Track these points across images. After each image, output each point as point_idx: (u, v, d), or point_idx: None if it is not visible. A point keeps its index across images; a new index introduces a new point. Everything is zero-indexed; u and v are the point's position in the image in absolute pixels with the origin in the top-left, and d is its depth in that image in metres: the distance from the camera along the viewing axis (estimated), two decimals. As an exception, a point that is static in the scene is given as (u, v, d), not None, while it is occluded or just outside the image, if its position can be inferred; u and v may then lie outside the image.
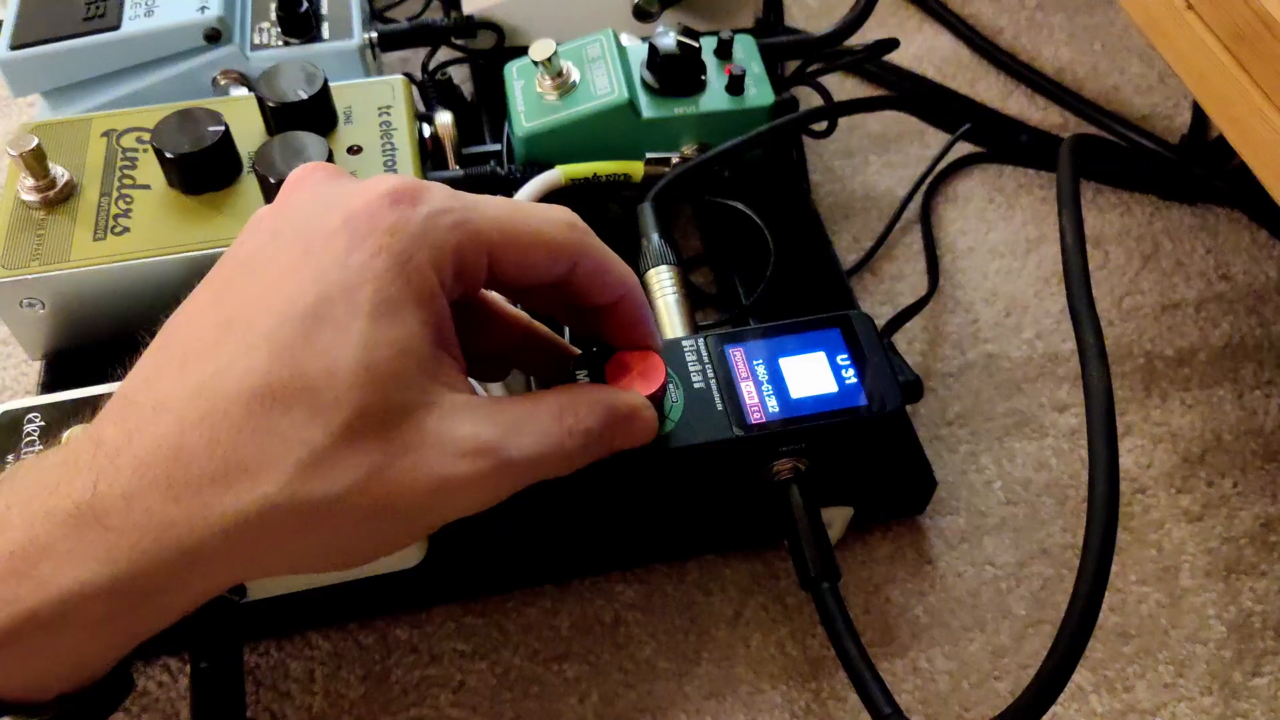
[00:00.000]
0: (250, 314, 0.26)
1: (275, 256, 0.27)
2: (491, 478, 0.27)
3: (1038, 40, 0.71)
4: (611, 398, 0.31)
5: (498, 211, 0.29)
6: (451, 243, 0.27)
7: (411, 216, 0.27)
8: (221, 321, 0.26)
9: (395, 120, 0.47)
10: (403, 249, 0.26)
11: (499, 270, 0.29)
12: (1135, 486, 0.49)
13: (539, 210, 0.30)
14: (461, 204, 0.28)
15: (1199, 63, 0.40)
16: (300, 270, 0.26)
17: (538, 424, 0.28)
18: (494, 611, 0.44)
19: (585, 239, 0.30)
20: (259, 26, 0.53)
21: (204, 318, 0.27)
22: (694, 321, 0.44)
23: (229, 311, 0.27)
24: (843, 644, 0.37)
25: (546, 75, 0.50)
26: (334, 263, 0.26)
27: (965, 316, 0.56)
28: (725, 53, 0.52)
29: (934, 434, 0.51)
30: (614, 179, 0.50)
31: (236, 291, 0.27)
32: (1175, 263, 0.59)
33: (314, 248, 0.27)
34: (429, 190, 0.28)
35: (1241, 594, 0.46)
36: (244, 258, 0.28)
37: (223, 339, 0.26)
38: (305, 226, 0.27)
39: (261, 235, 0.28)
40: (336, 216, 0.27)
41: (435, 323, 0.27)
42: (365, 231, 0.26)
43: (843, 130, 0.63)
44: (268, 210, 0.29)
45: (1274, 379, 0.53)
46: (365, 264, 0.26)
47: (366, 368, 0.25)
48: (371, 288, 0.26)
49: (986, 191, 0.62)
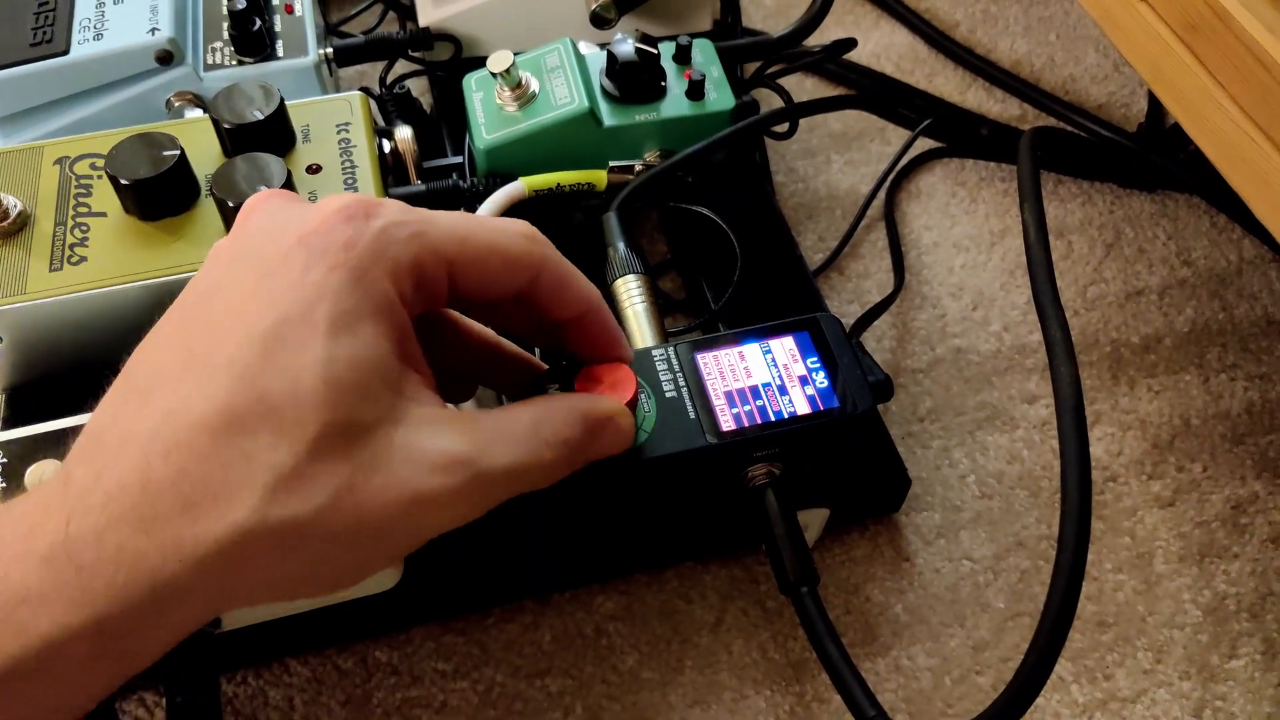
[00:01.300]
0: (211, 342, 0.26)
1: (234, 284, 0.27)
2: (467, 492, 0.27)
3: (993, 33, 0.72)
4: (587, 405, 0.31)
5: (454, 224, 0.29)
6: (409, 255, 0.27)
7: (366, 230, 0.27)
8: (183, 352, 0.26)
9: (354, 137, 0.47)
10: (358, 263, 0.26)
11: (459, 284, 0.29)
12: (1107, 475, 0.50)
13: (496, 223, 0.30)
14: (417, 217, 0.28)
15: (1152, 53, 0.41)
16: (258, 294, 0.26)
17: (513, 435, 0.28)
18: (474, 629, 0.44)
19: (545, 251, 0.30)
20: (212, 46, 0.52)
21: (166, 350, 0.27)
22: (664, 329, 0.44)
23: (190, 342, 0.26)
24: (824, 648, 0.37)
25: (505, 86, 0.50)
26: (290, 283, 0.26)
27: (932, 312, 0.56)
28: (684, 58, 0.52)
29: (906, 431, 0.51)
30: (578, 189, 0.50)
31: (197, 321, 0.27)
32: (1137, 250, 0.59)
33: (270, 270, 0.26)
34: (383, 205, 0.28)
35: (1215, 577, 0.46)
36: (204, 289, 0.28)
37: (185, 369, 0.26)
38: (261, 251, 0.27)
39: (220, 265, 0.28)
40: (291, 237, 0.27)
41: (397, 336, 0.27)
42: (320, 249, 0.26)
43: (804, 130, 0.63)
44: (226, 240, 0.29)
45: (1238, 362, 0.54)
46: (321, 280, 0.26)
47: (327, 384, 0.25)
48: (328, 303, 0.26)
49: (949, 186, 0.62)
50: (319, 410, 0.25)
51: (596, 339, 0.32)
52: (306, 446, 0.24)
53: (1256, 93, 0.35)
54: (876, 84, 0.67)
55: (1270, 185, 0.36)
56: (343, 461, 0.25)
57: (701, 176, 0.53)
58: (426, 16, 0.59)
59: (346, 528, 0.25)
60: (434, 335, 0.32)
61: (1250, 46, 0.35)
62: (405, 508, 0.25)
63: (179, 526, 0.24)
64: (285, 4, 0.55)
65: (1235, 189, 0.38)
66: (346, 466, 0.25)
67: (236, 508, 0.24)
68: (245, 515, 0.24)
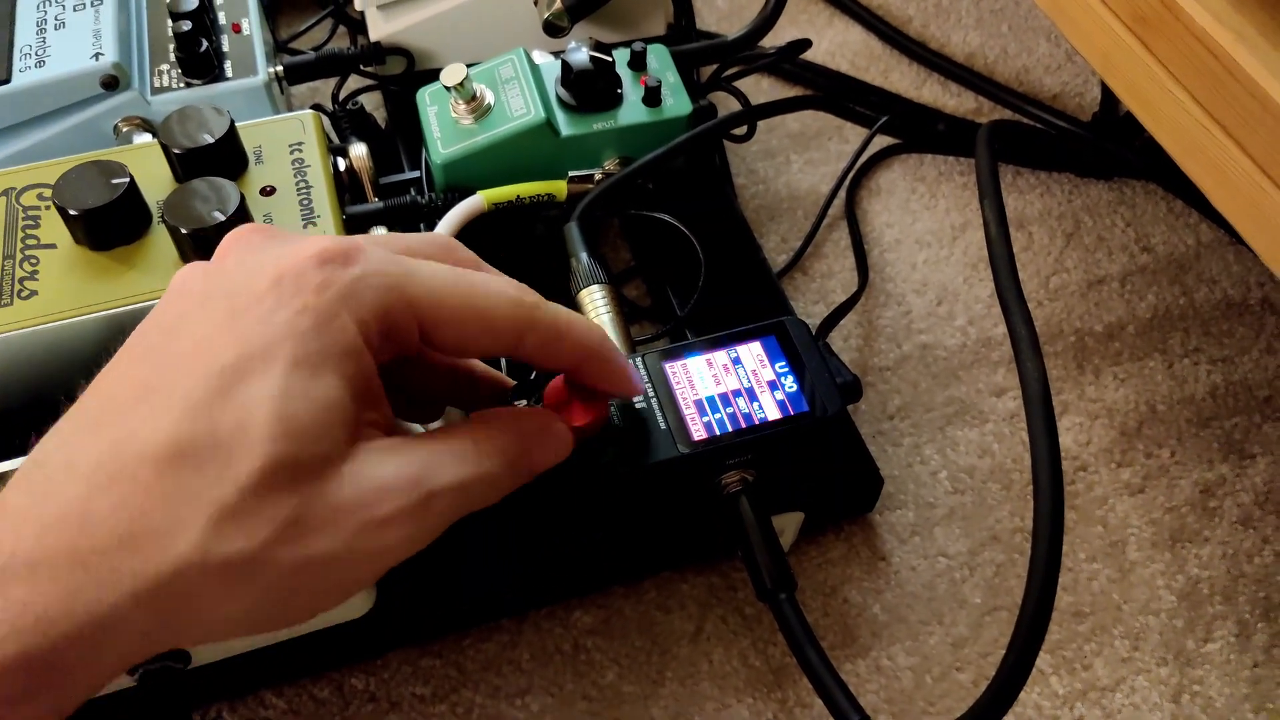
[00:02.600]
0: (170, 377, 0.25)
1: (203, 320, 0.27)
2: (417, 513, 0.26)
3: (946, 27, 0.72)
4: (519, 416, 0.30)
5: (437, 282, 0.28)
6: (380, 304, 0.27)
7: (340, 276, 0.26)
8: (140, 385, 0.26)
9: (308, 156, 0.46)
10: (327, 307, 0.26)
11: (434, 341, 0.28)
12: (1077, 465, 0.50)
13: (483, 285, 0.29)
14: (398, 269, 0.27)
15: (1103, 45, 0.41)
16: (225, 332, 0.26)
17: (456, 452, 0.28)
18: (451, 651, 0.43)
19: (533, 314, 0.29)
20: (158, 69, 0.51)
21: (122, 382, 0.26)
22: (631, 339, 0.44)
23: (148, 375, 0.26)
24: (804, 654, 0.36)
25: (460, 100, 0.49)
26: (258, 321, 0.26)
27: (898, 309, 0.56)
28: (639, 64, 0.52)
29: (876, 429, 0.51)
30: (538, 200, 0.50)
31: (159, 354, 0.27)
32: (1097, 239, 0.60)
33: (239, 309, 0.26)
34: (364, 252, 0.27)
35: (1188, 562, 0.47)
36: (169, 323, 0.27)
37: (139, 402, 0.25)
38: (234, 290, 0.27)
39: (190, 300, 0.27)
40: (266, 278, 0.26)
41: (359, 381, 0.27)
42: (292, 291, 0.26)
43: (762, 131, 0.63)
44: (199, 272, 0.28)
45: (1201, 346, 0.55)
46: (288, 321, 0.26)
47: (281, 420, 0.25)
48: (292, 343, 0.25)
49: (908, 182, 0.62)
50: (269, 445, 0.24)
51: (599, 382, 0.32)
52: (252, 480, 0.24)
53: (1208, 83, 0.35)
54: (833, 82, 0.68)
55: (1225, 173, 0.37)
56: (290, 496, 0.24)
57: (662, 183, 0.53)
58: (377, 31, 0.58)
59: (295, 562, 0.25)
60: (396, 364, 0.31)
61: (1200, 37, 0.35)
62: (356, 536, 0.25)
63: (116, 559, 0.23)
64: (232, 23, 0.54)
65: (1191, 177, 0.38)
66: (294, 501, 0.24)
67: (177, 542, 0.23)
68: (187, 550, 0.23)
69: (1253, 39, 0.35)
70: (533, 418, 0.31)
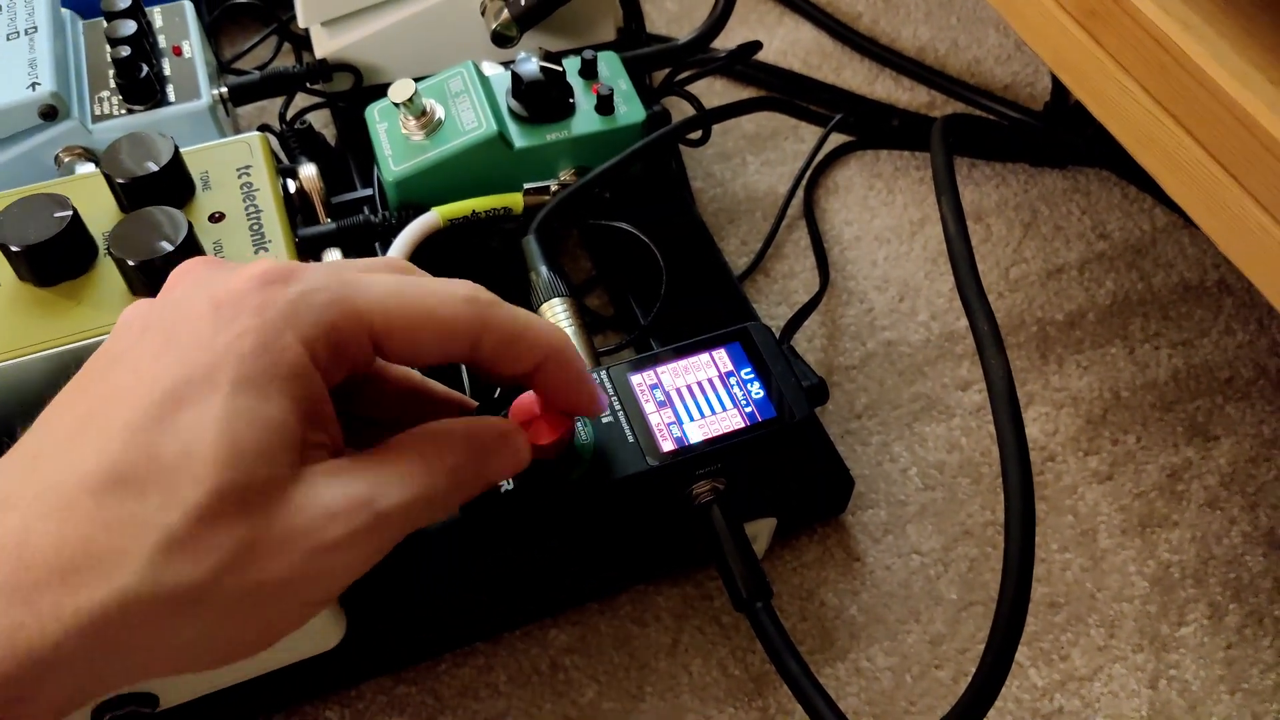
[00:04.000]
0: (109, 406, 0.25)
1: (141, 349, 0.26)
2: (367, 533, 0.26)
3: (896, 21, 0.72)
4: (473, 427, 0.29)
5: (382, 291, 0.27)
6: (325, 321, 0.26)
7: (281, 295, 0.26)
8: (80, 416, 0.25)
9: (256, 180, 0.45)
10: (269, 327, 0.25)
11: (387, 351, 0.28)
12: (1045, 455, 0.50)
13: (431, 288, 0.28)
14: (340, 282, 0.27)
15: (1053, 38, 0.41)
16: (163, 358, 0.25)
17: (404, 469, 0.27)
18: (426, 678, 0.42)
19: (488, 313, 0.28)
20: (99, 96, 0.50)
21: (63, 415, 0.26)
22: (594, 351, 0.43)
23: (88, 406, 0.25)
24: (783, 662, 0.36)
25: (410, 116, 0.48)
26: (196, 346, 0.25)
27: (860, 307, 0.56)
28: (590, 72, 0.52)
29: (845, 429, 0.51)
30: (494, 214, 0.49)
31: (97, 386, 0.26)
32: (1054, 228, 0.60)
33: (177, 334, 0.26)
34: (304, 270, 0.27)
35: (1158, 547, 0.47)
36: (111, 356, 0.27)
37: (79, 432, 0.25)
38: (174, 316, 0.26)
39: (132, 332, 0.27)
40: (204, 303, 0.26)
41: (306, 401, 0.26)
42: (231, 314, 0.26)
43: (718, 134, 0.63)
44: (143, 307, 0.28)
45: (1161, 330, 0.55)
46: (229, 344, 0.25)
47: (227, 444, 0.24)
48: (233, 366, 0.25)
49: (865, 179, 0.62)
50: (215, 470, 0.24)
51: (557, 389, 0.31)
52: (198, 507, 0.23)
53: (1158, 74, 0.36)
54: (786, 82, 0.67)
55: (1177, 161, 0.37)
56: (238, 522, 0.24)
57: (619, 190, 0.52)
58: (322, 47, 0.57)
59: (246, 590, 0.24)
60: (354, 385, 0.30)
61: (1149, 29, 0.35)
62: (307, 561, 0.25)
63: (58, 593, 0.22)
64: (173, 46, 0.53)
65: (1144, 167, 0.39)
66: (242, 526, 0.24)
67: (121, 573, 0.23)
68: (131, 581, 0.23)
69: (1199, 28, 0.35)
70: (486, 429, 0.30)
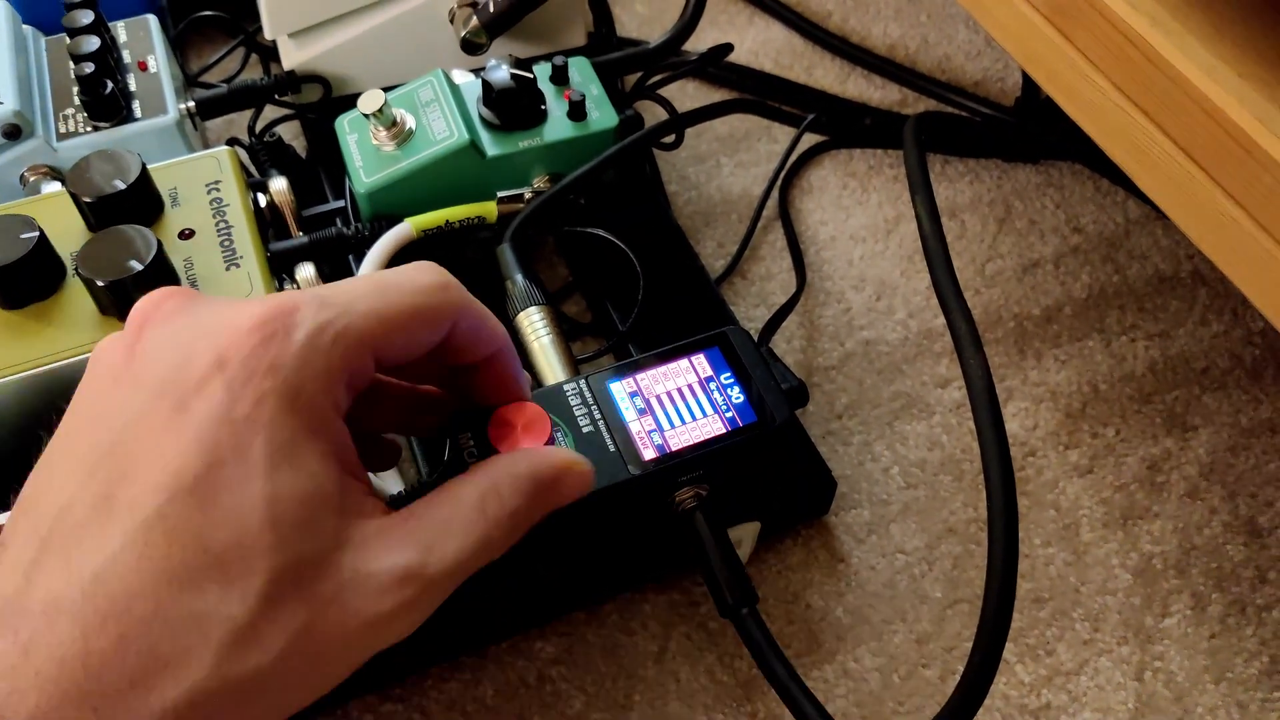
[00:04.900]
0: (133, 490, 0.24)
1: (145, 416, 0.24)
2: (419, 601, 0.26)
3: (866, 20, 0.72)
4: (535, 465, 0.29)
5: (370, 301, 0.27)
6: (338, 362, 0.25)
7: (288, 348, 0.25)
8: (100, 499, 0.24)
9: (226, 195, 0.45)
10: (288, 387, 0.24)
11: (385, 359, 0.27)
12: (1025, 450, 0.50)
13: (407, 281, 0.28)
14: (336, 313, 0.26)
15: (1023, 36, 0.41)
16: (178, 432, 0.24)
17: (459, 523, 0.27)
18: (412, 693, 0.42)
19: (457, 295, 0.29)
20: (63, 114, 0.49)
21: (78, 494, 0.24)
22: (572, 359, 0.43)
23: (105, 486, 0.24)
24: (770, 668, 0.36)
25: (380, 126, 0.48)
26: (215, 420, 0.24)
27: (838, 306, 0.56)
28: (561, 78, 0.51)
29: (826, 430, 0.51)
30: (468, 223, 0.49)
31: (109, 462, 0.24)
32: (1028, 222, 0.60)
33: (188, 402, 0.24)
34: (299, 309, 0.25)
35: (1140, 539, 0.47)
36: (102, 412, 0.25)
37: (107, 521, 0.23)
38: (171, 376, 0.25)
39: (121, 387, 0.25)
40: (205, 361, 0.25)
41: (337, 452, 0.26)
42: (243, 378, 0.24)
43: (691, 136, 0.63)
44: (119, 348, 0.26)
45: (1137, 322, 0.55)
46: (250, 415, 0.24)
47: (274, 526, 0.23)
48: (263, 438, 0.24)
49: (839, 178, 0.62)
50: (267, 555, 0.23)
51: (503, 381, 0.31)
52: (259, 596, 0.23)
53: (1127, 69, 0.36)
54: (758, 83, 0.67)
55: (1148, 156, 0.37)
56: (297, 604, 0.24)
57: (593, 196, 0.52)
58: (290, 59, 0.57)
59: (307, 667, 0.24)
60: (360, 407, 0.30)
61: (1117, 25, 0.35)
62: (362, 634, 0.24)
63: (131, 700, 0.22)
64: (138, 61, 0.52)
65: (1116, 161, 0.39)
66: (302, 609, 0.24)
67: (192, 670, 0.22)
68: (202, 677, 0.22)
69: (1167, 23, 0.35)
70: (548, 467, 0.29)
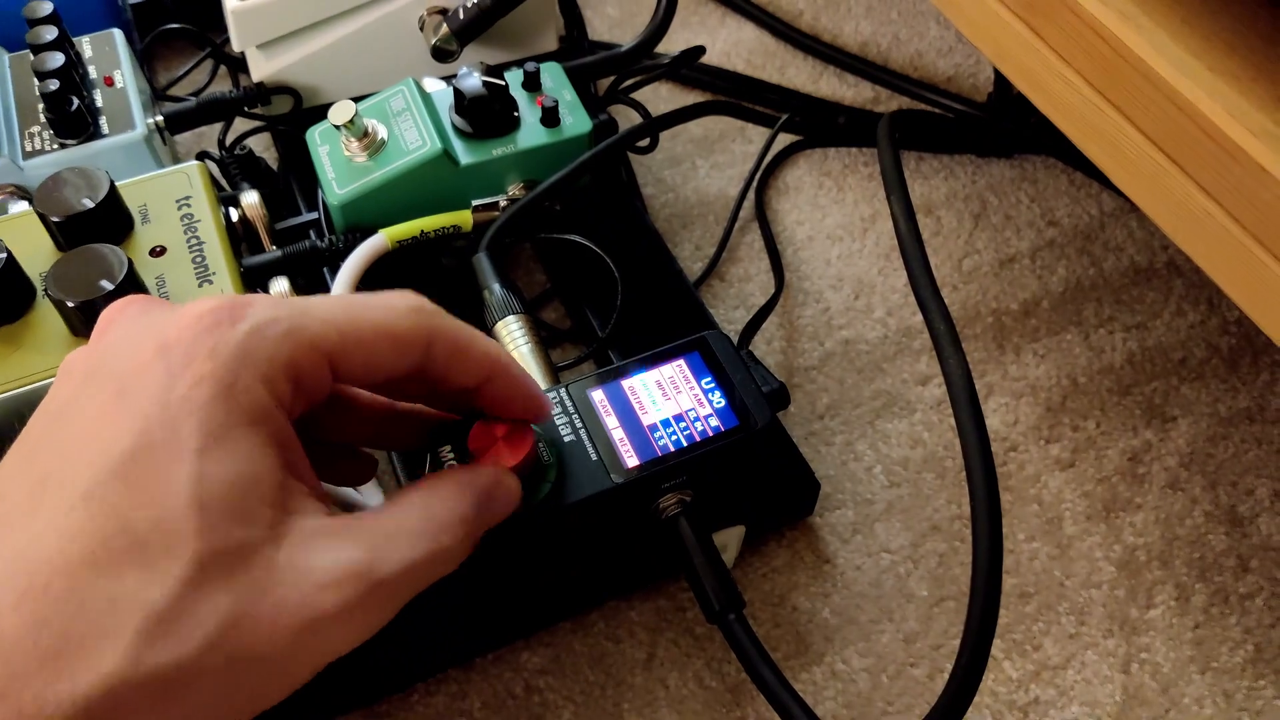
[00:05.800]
0: (65, 471, 0.23)
1: (87, 403, 0.24)
2: (366, 604, 0.25)
3: (837, 18, 0.72)
4: (473, 478, 0.29)
5: (331, 311, 0.26)
6: (283, 355, 0.25)
7: (231, 335, 0.24)
8: (34, 482, 0.24)
9: (197, 210, 0.44)
10: (227, 371, 0.24)
11: (344, 373, 0.27)
12: (1007, 445, 0.50)
13: (379, 301, 0.28)
14: (289, 311, 0.26)
15: (994, 32, 0.41)
16: (115, 414, 0.24)
17: (408, 530, 0.26)
18: (398, 710, 0.42)
19: (435, 321, 0.28)
20: (29, 132, 0.49)
21: (15, 480, 0.24)
22: (552, 367, 0.43)
23: (41, 470, 0.24)
24: (758, 673, 0.36)
25: (351, 137, 0.47)
26: (151, 400, 0.24)
27: (816, 306, 0.56)
28: (534, 84, 0.51)
29: (808, 430, 0.51)
30: (443, 233, 0.48)
31: (48, 446, 0.24)
32: (1004, 217, 0.60)
33: (128, 387, 0.24)
34: (250, 304, 0.25)
35: (1123, 531, 0.47)
36: (55, 410, 0.25)
37: (37, 502, 0.23)
38: (118, 366, 0.25)
39: (74, 383, 0.25)
40: (149, 349, 0.24)
41: (276, 445, 0.25)
42: (183, 361, 0.24)
43: (666, 139, 0.63)
44: (80, 354, 0.26)
45: (1114, 314, 0.55)
46: (186, 396, 0.24)
47: (201, 509, 0.23)
48: (195, 419, 0.23)
49: (815, 178, 0.62)
50: (192, 538, 0.22)
51: (506, 401, 0.31)
52: (180, 580, 0.22)
53: (1097, 64, 0.36)
54: (731, 84, 0.67)
55: (1121, 150, 0.37)
56: (223, 592, 0.23)
57: (569, 202, 0.52)
58: (259, 70, 0.56)
59: (234, 663, 0.23)
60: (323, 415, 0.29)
61: (1087, 20, 0.35)
62: (298, 634, 0.23)
63: (39, 685, 0.21)
64: (104, 76, 0.52)
65: (1089, 156, 0.39)
66: (228, 597, 0.23)
67: (106, 657, 0.21)
68: (116, 665, 0.21)
69: (1137, 18, 0.35)
70: (484, 475, 0.29)
